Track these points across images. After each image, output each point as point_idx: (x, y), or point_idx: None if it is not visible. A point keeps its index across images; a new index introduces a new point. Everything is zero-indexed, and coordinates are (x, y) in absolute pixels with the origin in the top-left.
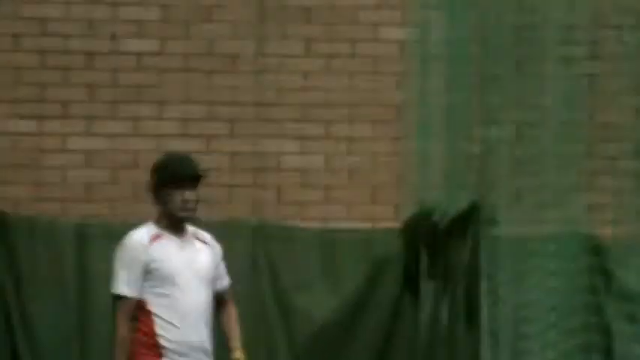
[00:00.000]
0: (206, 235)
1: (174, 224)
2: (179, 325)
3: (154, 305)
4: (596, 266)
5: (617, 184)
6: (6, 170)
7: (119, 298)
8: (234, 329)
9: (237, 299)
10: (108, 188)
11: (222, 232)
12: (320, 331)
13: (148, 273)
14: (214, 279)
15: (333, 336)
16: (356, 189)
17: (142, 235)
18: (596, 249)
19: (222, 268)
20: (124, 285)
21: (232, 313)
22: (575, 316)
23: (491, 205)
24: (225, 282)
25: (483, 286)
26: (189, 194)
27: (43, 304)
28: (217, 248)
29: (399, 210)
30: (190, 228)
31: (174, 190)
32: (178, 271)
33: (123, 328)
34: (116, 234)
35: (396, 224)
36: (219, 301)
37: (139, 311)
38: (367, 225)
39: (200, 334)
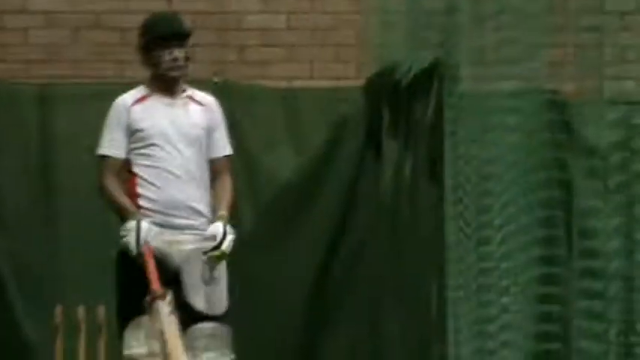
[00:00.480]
0: (207, 98)
1: (165, 85)
2: (159, 185)
3: (136, 166)
4: (558, 122)
5: (578, 40)
6: None
7: (102, 157)
8: (222, 197)
9: None
10: (70, 49)
11: None
12: (284, 190)
13: (132, 135)
14: (208, 144)
15: (297, 194)
16: (318, 47)
17: (126, 97)
18: (558, 104)
19: (220, 135)
20: (105, 146)
21: (225, 184)
22: (537, 172)
23: (454, 62)
24: (220, 151)
25: (446, 142)
26: (177, 52)
27: (6, 168)
28: (216, 113)
29: (361, 68)
30: (188, 90)
31: (162, 50)
32: (161, 132)
33: (110, 185)
34: (79, 96)
35: (358, 82)
36: (213, 171)
37: (126, 173)
38: (330, 83)
39: (186, 193)
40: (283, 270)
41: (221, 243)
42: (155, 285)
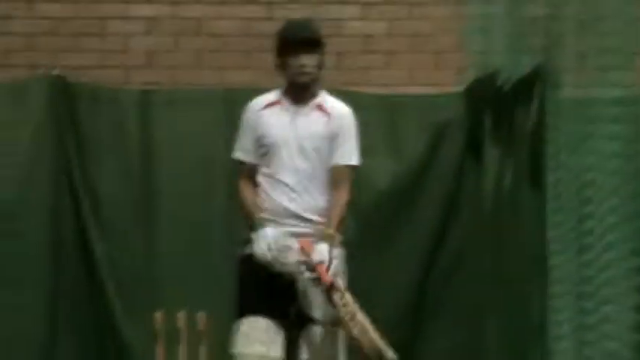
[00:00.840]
0: (336, 107)
1: (293, 92)
2: (271, 193)
3: (260, 173)
4: None
5: None
6: (68, 39)
7: (239, 162)
8: (333, 212)
9: None
10: (170, 56)
11: None
12: (381, 197)
13: (257, 139)
14: (329, 152)
15: (396, 203)
16: (418, 54)
17: (260, 100)
18: None
19: (343, 143)
20: (236, 149)
21: (338, 197)
22: (637, 180)
23: (556, 68)
24: (340, 159)
25: (547, 150)
26: (305, 59)
27: (106, 170)
28: (343, 120)
29: (461, 74)
30: (319, 97)
31: (290, 56)
32: (278, 140)
33: (243, 190)
34: (179, 101)
35: (458, 89)
36: (332, 179)
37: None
38: (429, 90)
39: (297, 204)
40: (382, 278)
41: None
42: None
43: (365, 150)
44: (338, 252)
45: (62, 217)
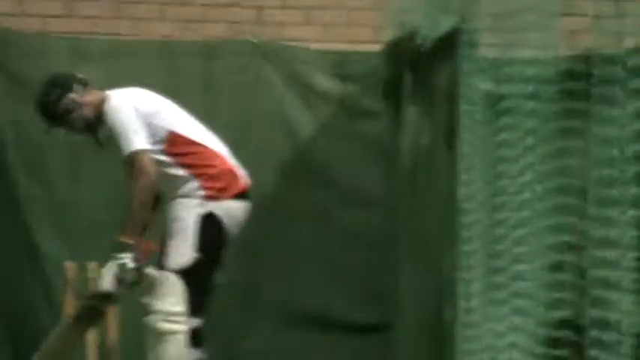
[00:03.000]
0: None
1: None
2: None
3: None
4: (576, 90)
5: (596, 8)
6: None
7: None
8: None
9: None
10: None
11: None
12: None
13: None
14: None
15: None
16: (334, 10)
17: None
18: (576, 73)
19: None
20: None
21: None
22: (554, 140)
23: (473, 29)
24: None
25: (462, 109)
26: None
27: None
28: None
29: (377, 33)
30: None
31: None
32: None
33: None
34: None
35: (375, 47)
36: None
37: None
38: (344, 46)
39: None
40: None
41: None
42: None
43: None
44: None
45: None
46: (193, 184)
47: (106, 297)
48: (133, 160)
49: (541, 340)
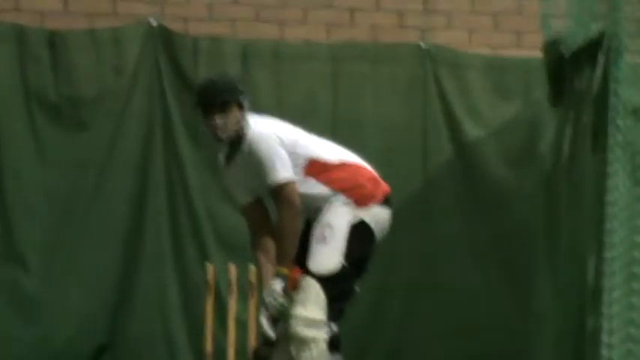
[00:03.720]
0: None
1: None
2: None
3: None
4: None
5: None
6: None
7: None
8: None
9: None
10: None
11: None
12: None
13: None
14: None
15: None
16: (478, 15)
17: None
18: None
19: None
20: None
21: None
22: None
23: (619, 35)
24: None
25: (610, 114)
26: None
27: None
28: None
29: (521, 38)
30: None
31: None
32: None
33: None
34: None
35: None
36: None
37: None
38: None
39: None
40: None
41: None
42: None
43: None
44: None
45: None
46: (341, 197)
47: (270, 342)
48: (280, 189)
49: None
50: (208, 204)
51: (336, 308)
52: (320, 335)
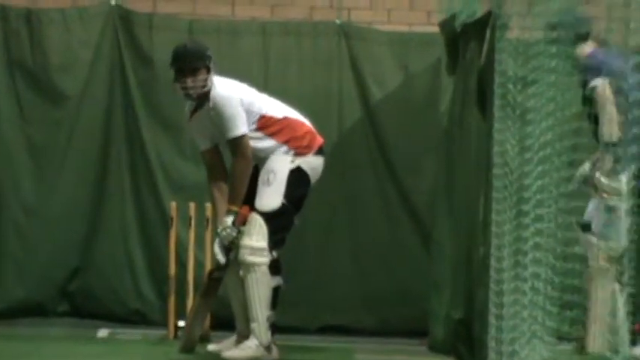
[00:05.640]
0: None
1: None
2: None
3: None
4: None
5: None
6: None
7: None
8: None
9: None
10: None
11: None
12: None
13: None
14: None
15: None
16: None
17: None
18: None
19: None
20: None
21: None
22: (570, 107)
23: (505, 14)
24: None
25: (496, 80)
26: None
27: None
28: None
29: (430, 16)
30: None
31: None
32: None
33: None
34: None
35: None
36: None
37: None
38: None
39: None
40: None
41: None
42: None
43: None
44: None
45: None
46: (283, 148)
47: (222, 267)
48: (236, 142)
49: (558, 272)
50: (160, 154)
51: (277, 238)
52: (262, 260)
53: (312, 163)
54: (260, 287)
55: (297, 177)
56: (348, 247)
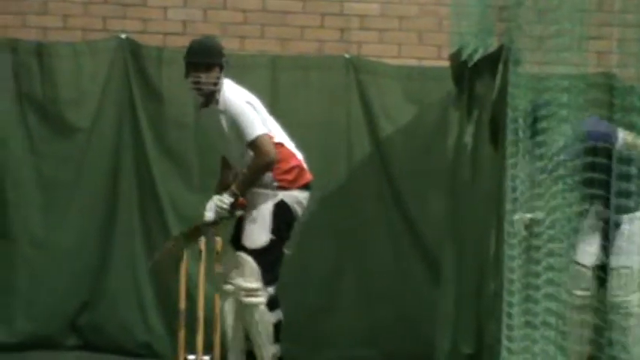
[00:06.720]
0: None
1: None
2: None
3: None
4: (603, 100)
5: (622, 34)
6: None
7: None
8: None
9: None
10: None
11: None
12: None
13: None
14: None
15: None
16: (405, 32)
17: None
18: (603, 86)
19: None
20: None
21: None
22: (580, 141)
23: (517, 48)
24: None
25: (508, 114)
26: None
27: None
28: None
29: (440, 51)
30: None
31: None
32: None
33: None
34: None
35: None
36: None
37: None
38: (414, 62)
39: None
40: None
41: None
42: None
43: None
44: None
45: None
46: (269, 176)
47: (209, 224)
48: (257, 143)
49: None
50: (169, 189)
51: (270, 275)
52: (259, 300)
53: (297, 197)
54: (261, 326)
55: (282, 209)
56: (354, 280)
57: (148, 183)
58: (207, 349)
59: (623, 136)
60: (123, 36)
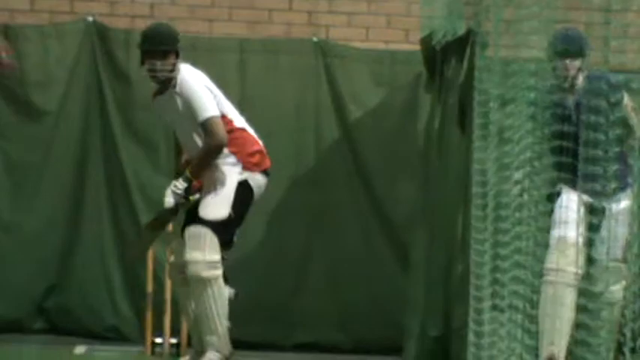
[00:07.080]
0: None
1: None
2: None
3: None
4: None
5: (589, 18)
6: None
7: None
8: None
9: None
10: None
11: None
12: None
13: None
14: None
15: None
16: (374, 16)
17: None
18: None
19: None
20: None
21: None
22: (547, 124)
23: (485, 32)
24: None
25: (476, 97)
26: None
27: None
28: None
29: (408, 35)
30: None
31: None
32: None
33: None
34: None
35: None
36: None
37: None
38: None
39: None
40: None
41: None
42: None
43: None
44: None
45: None
46: (231, 158)
47: (170, 211)
48: (208, 123)
49: (537, 290)
50: (137, 172)
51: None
52: (218, 273)
53: (259, 181)
54: (219, 300)
55: (244, 190)
56: (324, 264)
57: (115, 166)
58: (175, 331)
59: (627, 98)
60: (90, 19)
